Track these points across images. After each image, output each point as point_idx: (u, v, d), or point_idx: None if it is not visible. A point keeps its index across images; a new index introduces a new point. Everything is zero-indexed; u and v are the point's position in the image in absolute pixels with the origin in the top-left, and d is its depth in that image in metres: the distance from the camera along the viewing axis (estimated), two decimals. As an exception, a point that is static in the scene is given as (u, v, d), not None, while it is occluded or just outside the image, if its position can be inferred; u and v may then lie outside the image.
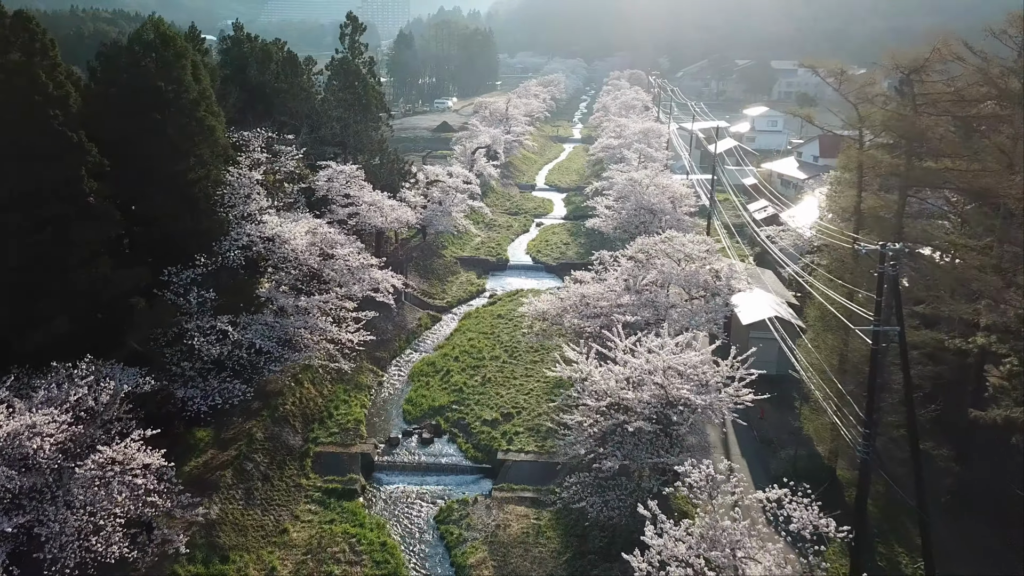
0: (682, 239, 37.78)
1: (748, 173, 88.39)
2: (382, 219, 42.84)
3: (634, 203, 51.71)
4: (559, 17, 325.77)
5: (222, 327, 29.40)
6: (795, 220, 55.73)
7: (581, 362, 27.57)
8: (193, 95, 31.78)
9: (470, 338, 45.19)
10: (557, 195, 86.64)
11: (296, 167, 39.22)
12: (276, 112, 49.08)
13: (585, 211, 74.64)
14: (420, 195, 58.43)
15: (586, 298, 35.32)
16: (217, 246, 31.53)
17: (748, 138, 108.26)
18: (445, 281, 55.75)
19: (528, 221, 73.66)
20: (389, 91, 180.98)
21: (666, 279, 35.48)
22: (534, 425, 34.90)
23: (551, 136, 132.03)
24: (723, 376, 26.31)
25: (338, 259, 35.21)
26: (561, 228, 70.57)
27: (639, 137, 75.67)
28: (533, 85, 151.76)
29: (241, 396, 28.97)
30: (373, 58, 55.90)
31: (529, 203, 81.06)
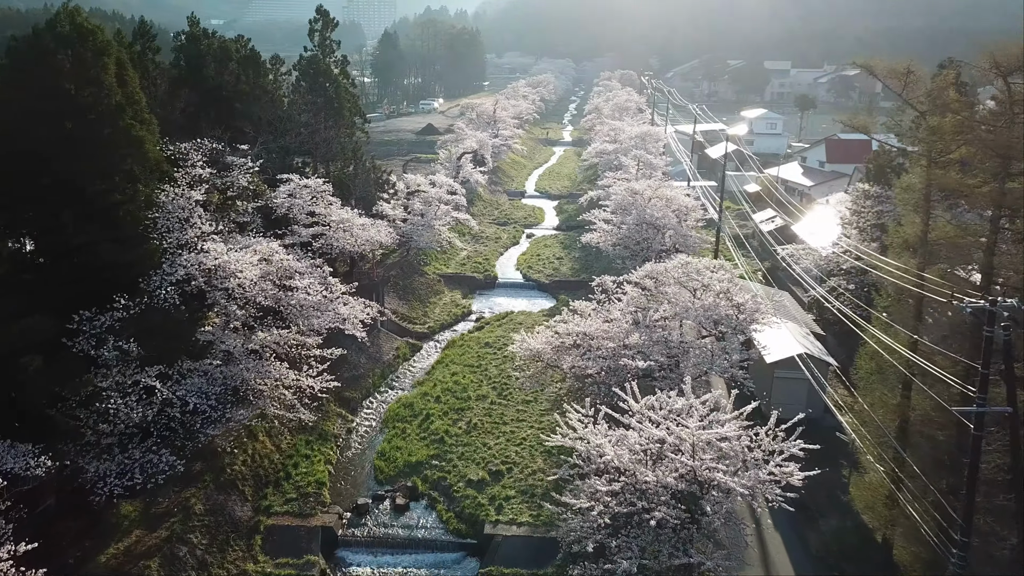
0: (698, 264, 32.51)
1: (750, 179, 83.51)
2: (352, 240, 37.29)
3: (635, 217, 46.43)
4: (547, 18, 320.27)
5: (148, 382, 23.90)
6: (809, 233, 50.72)
7: (588, 430, 22.23)
8: (116, 99, 26.22)
9: (453, 372, 39.77)
10: (548, 203, 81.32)
11: (251, 182, 33.70)
12: (236, 117, 43.50)
13: (579, 221, 69.41)
14: (400, 206, 53.09)
15: (588, 336, 30.04)
16: (146, 282, 25.98)
17: (746, 141, 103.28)
18: (427, 302, 50.28)
19: (518, 232, 68.27)
20: (373, 92, 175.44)
21: (682, 312, 30.23)
22: (528, 487, 29.55)
23: (540, 139, 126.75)
24: (765, 450, 21.08)
25: (297, 292, 29.71)
26: (553, 240, 65.23)
27: (636, 142, 70.47)
28: (522, 86, 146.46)
29: (169, 470, 23.46)
30: (346, 57, 50.34)
31: (519, 212, 75.69)
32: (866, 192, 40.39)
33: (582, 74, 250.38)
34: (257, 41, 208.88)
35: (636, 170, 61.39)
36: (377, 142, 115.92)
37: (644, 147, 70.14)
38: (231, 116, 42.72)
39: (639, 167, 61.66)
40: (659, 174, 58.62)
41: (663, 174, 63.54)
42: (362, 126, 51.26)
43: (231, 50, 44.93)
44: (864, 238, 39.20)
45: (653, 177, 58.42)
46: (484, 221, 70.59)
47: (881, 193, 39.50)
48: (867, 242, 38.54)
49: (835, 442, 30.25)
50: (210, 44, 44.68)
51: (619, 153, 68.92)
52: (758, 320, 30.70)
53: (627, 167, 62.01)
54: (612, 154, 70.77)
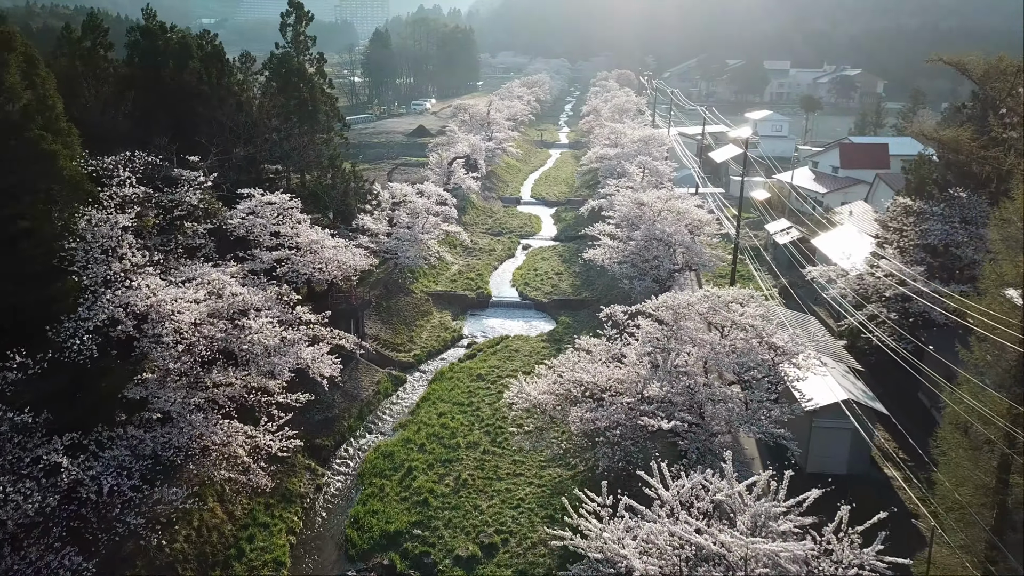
0: (725, 296, 27.62)
1: (758, 185, 78.75)
2: (321, 267, 32.18)
3: (644, 233, 41.53)
4: (541, 17, 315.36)
5: (53, 459, 18.92)
6: (835, 250, 45.93)
7: (606, 531, 17.31)
8: (21, 104, 21.20)
9: (441, 412, 34.84)
10: (545, 210, 76.35)
11: (202, 199, 28.69)
12: (199, 123, 38.47)
13: (579, 230, 64.59)
14: (384, 219, 48.16)
15: (599, 387, 25.18)
16: (55, 330, 20.98)
17: (751, 144, 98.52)
18: (413, 326, 45.28)
19: (513, 243, 63.29)
20: (364, 92, 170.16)
21: (710, 358, 25.36)
22: (527, 565, 24.66)
23: (536, 141, 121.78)
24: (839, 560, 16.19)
25: (251, 333, 24.72)
26: (551, 253, 60.26)
27: (639, 146, 65.59)
28: (516, 86, 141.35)
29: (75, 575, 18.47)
30: (323, 55, 45.22)
31: (514, 220, 70.72)
32: (907, 207, 35.58)
33: (577, 74, 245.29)
34: (248, 40, 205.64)
35: (641, 178, 56.53)
36: (366, 144, 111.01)
37: (648, 152, 65.27)
38: (191, 122, 37.68)
39: (644, 174, 56.77)
40: (668, 183, 53.61)
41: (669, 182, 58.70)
42: (341, 131, 46.20)
43: (192, 47, 39.84)
44: (907, 259, 34.43)
45: (661, 186, 53.55)
46: (477, 231, 65.67)
47: (925, 209, 34.68)
48: (911, 264, 33.78)
49: (885, 502, 25.54)
50: (168, 40, 39.61)
51: (622, 159, 63.99)
52: (798, 364, 25.86)
53: (631, 174, 57.10)
54: (614, 159, 65.85)
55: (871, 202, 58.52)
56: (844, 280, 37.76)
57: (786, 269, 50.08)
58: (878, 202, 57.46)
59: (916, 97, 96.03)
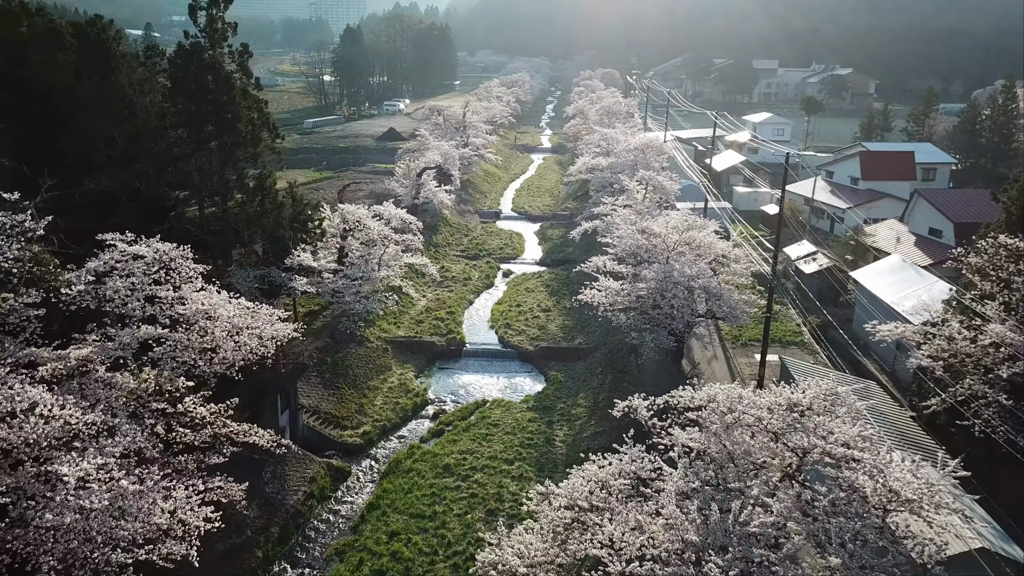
0: (802, 398, 18.36)
1: (765, 198, 70.01)
2: (210, 353, 21.98)
3: (658, 273, 32.22)
4: (520, 15, 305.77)
5: None
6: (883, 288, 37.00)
7: None
8: None
9: (393, 532, 25.36)
10: (528, 226, 66.99)
11: (26, 254, 19.05)
12: (74, 135, 28.72)
13: (568, 252, 55.37)
14: (332, 250, 38.67)
15: (616, 556, 15.87)
16: None
17: (749, 149, 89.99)
18: (365, 389, 35.67)
19: (492, 269, 53.79)
20: (334, 92, 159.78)
21: (794, 511, 16.09)
22: None
23: (517, 145, 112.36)
24: None
25: (63, 487, 15.08)
26: (537, 282, 50.85)
27: (636, 156, 56.38)
28: (495, 86, 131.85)
29: None
30: (247, 47, 35.36)
31: (493, 239, 61.24)
32: (1014, 250, 26.52)
33: (558, 73, 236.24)
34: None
35: (643, 196, 47.31)
36: (331, 149, 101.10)
37: (647, 162, 56.09)
38: (62, 133, 27.89)
39: (647, 192, 47.58)
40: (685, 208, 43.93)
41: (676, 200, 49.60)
42: (273, 143, 36.38)
43: (64, 35, 29.95)
44: (1018, 317, 25.43)
45: (666, 205, 44.40)
46: (450, 254, 56.20)
47: (1042, 253, 25.67)
48: None
49: None
50: (34, 26, 29.74)
51: (616, 170, 54.73)
52: (929, 518, 16.68)
53: (630, 191, 47.79)
54: (607, 171, 56.58)
55: (908, 223, 49.73)
56: (908, 332, 28.61)
57: (811, 301, 41.07)
58: (918, 223, 48.74)
59: (929, 99, 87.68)
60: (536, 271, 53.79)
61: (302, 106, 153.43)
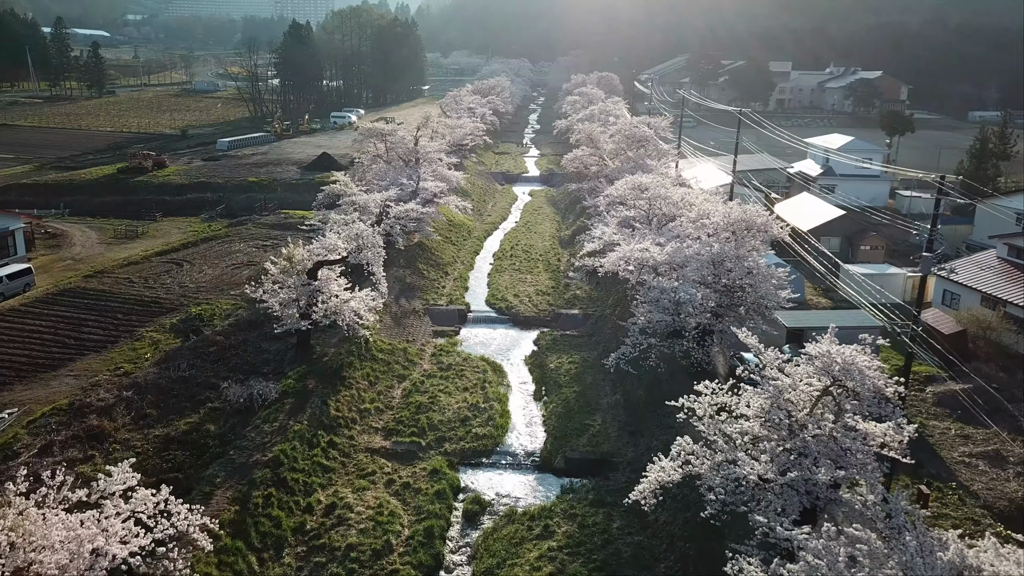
0: None
1: (901, 283, 42.50)
2: None
3: None
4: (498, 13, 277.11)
5: None
6: None
7: None
8: None
9: None
10: (513, 340, 38.73)
11: None
12: None
13: (601, 449, 27.28)
14: None
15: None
16: None
17: (823, 188, 62.37)
18: None
19: (442, 495, 25.23)
20: (275, 99, 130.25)
21: None
22: None
23: (495, 173, 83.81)
24: None
25: None
26: (546, 532, 22.56)
27: (723, 247, 28.40)
28: (467, 94, 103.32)
29: None
30: None
31: (449, 394, 32.54)
32: None
33: (540, 76, 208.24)
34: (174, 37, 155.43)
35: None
36: (236, 186, 71.41)
37: (738, 253, 28.26)
38: None
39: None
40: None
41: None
42: None
43: None
44: None
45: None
46: (357, 445, 27.78)
47: None
48: None
49: None
50: None
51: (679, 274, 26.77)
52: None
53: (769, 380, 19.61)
54: (666, 275, 28.54)
55: None
56: None
57: None
58: None
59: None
60: (541, 501, 25.41)
61: (235, 117, 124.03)
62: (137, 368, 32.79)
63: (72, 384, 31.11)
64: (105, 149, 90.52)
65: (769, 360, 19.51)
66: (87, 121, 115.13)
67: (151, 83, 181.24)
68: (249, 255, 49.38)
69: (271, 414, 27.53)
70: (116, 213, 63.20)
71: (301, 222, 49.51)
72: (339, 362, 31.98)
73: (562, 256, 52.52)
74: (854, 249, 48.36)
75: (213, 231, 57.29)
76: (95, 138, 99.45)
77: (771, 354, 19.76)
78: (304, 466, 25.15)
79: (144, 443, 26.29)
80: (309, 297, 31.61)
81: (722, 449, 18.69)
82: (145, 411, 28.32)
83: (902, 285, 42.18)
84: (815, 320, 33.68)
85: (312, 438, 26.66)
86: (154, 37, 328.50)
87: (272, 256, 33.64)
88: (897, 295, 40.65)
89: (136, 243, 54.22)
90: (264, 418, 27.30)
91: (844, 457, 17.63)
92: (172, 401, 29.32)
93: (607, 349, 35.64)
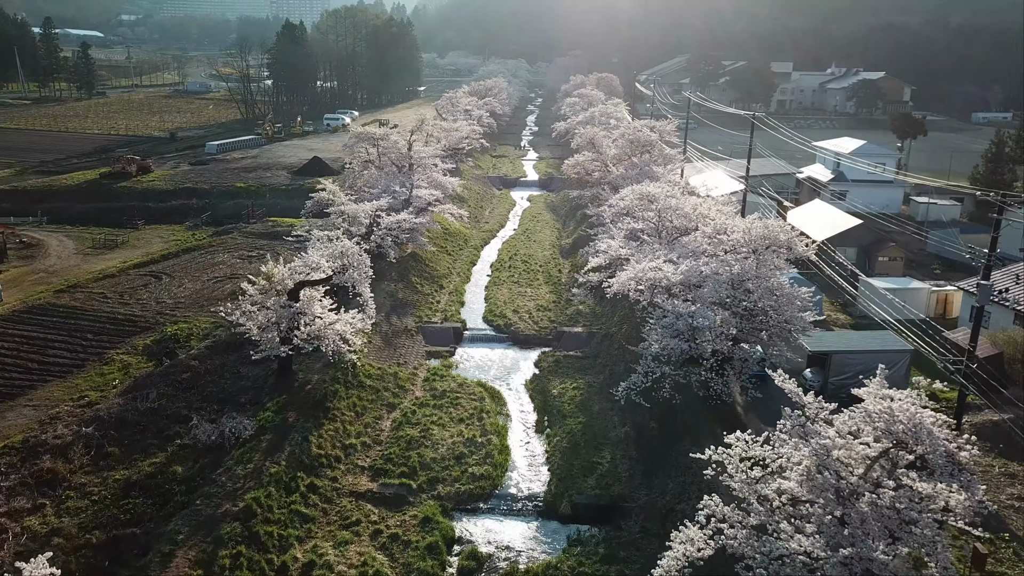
0: None
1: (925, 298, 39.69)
2: None
3: None
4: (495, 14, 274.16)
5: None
6: None
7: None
8: None
9: None
10: (511, 361, 36.01)
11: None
12: None
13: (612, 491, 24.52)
14: None
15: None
16: None
17: (834, 193, 59.76)
18: None
19: (430, 559, 22.53)
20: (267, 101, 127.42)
21: None
22: None
23: (492, 177, 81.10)
24: None
25: None
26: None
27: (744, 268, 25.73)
28: (463, 95, 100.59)
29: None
30: None
31: (442, 427, 29.79)
32: None
33: (538, 77, 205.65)
34: (169, 37, 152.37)
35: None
36: (223, 192, 68.22)
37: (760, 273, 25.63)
38: None
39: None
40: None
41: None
42: None
43: None
44: None
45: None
46: (342, 489, 25.05)
47: None
48: None
49: None
50: None
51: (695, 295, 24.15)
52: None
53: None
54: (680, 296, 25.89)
55: None
56: None
57: None
58: None
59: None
60: (546, 555, 22.69)
61: (227, 119, 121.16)
62: (104, 396, 30.03)
63: (30, 416, 28.33)
64: (91, 153, 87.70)
65: (813, 410, 16.78)
66: (75, 123, 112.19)
67: (143, 84, 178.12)
68: (233, 267, 46.60)
69: (245, 453, 24.78)
70: (97, 221, 60.41)
71: (289, 230, 46.75)
72: (323, 391, 29.22)
73: (563, 267, 49.85)
74: (871, 260, 45.69)
75: (197, 240, 54.54)
76: (81, 141, 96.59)
77: (813, 401, 17.02)
78: (280, 516, 22.41)
79: (102, 488, 23.51)
80: (290, 320, 28.87)
81: (758, 512, 15.99)
82: (106, 450, 25.56)
83: (926, 300, 39.51)
84: (840, 342, 30.99)
85: (290, 482, 23.92)
86: (148, 37, 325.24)
87: (250, 274, 30.79)
88: (920, 311, 38.00)
89: (115, 253, 51.41)
90: (237, 458, 24.54)
91: (903, 527, 14.95)
92: (137, 437, 26.57)
93: (613, 373, 32.99)
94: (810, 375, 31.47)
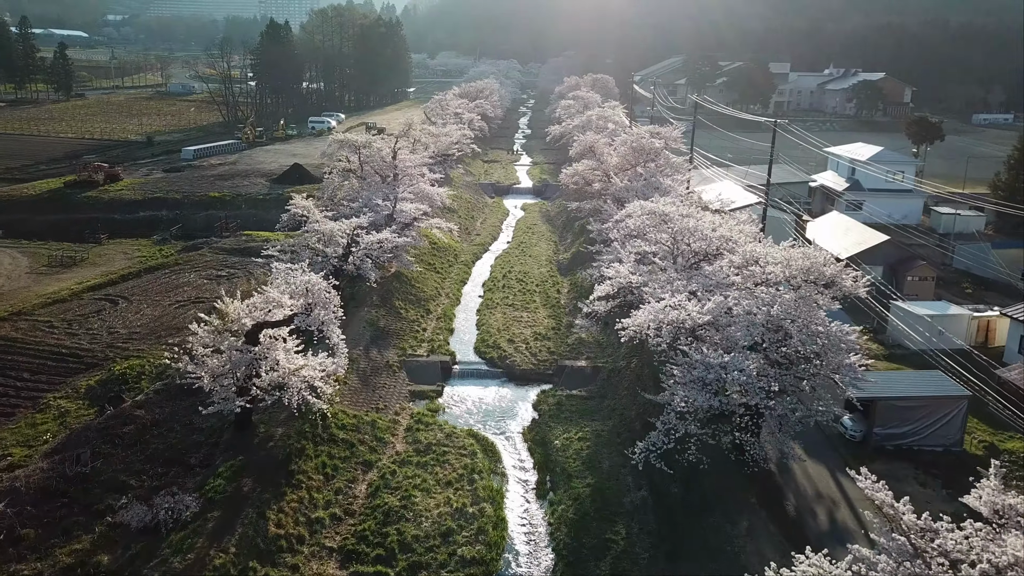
0: None
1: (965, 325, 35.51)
2: None
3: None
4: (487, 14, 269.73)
5: None
6: None
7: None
8: None
9: None
10: (511, 420, 31.59)
11: None
12: None
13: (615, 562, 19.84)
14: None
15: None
16: None
17: (850, 203, 55.75)
18: None
19: None
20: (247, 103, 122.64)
21: None
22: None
23: (484, 184, 76.74)
24: None
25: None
26: None
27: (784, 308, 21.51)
28: (453, 97, 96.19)
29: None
30: None
31: (430, 487, 25.54)
32: None
33: (530, 78, 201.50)
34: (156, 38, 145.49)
35: None
36: (195, 202, 63.29)
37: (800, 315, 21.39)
38: None
39: None
40: None
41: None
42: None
43: None
44: None
45: None
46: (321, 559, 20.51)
47: None
48: None
49: None
50: None
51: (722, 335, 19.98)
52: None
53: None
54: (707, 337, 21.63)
55: None
56: None
57: None
58: None
59: None
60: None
61: (208, 122, 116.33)
62: (30, 454, 25.55)
63: (-63, 485, 23.78)
64: (62, 158, 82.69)
65: (913, 528, 12.51)
66: (48, 126, 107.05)
67: (124, 85, 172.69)
68: (199, 289, 42.10)
69: (186, 539, 20.36)
70: (58, 234, 55.64)
71: (264, 245, 42.22)
72: (287, 449, 24.82)
73: (562, 286, 45.57)
74: (899, 280, 41.54)
75: (164, 256, 49.97)
76: (52, 145, 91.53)
77: (913, 518, 12.76)
78: None
79: (5, 590, 19.06)
80: (248, 367, 24.46)
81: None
82: (19, 533, 21.07)
83: (966, 327, 35.42)
84: (886, 387, 26.74)
85: (240, 575, 19.52)
86: (134, 38, 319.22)
87: (200, 313, 26.33)
88: (960, 338, 33.97)
89: (72, 273, 46.73)
90: (176, 546, 20.12)
91: None
92: (61, 513, 22.12)
93: (624, 419, 28.74)
94: (849, 423, 27.31)
